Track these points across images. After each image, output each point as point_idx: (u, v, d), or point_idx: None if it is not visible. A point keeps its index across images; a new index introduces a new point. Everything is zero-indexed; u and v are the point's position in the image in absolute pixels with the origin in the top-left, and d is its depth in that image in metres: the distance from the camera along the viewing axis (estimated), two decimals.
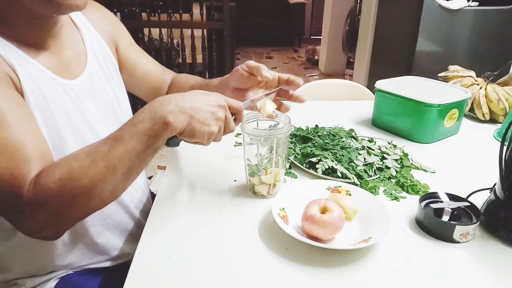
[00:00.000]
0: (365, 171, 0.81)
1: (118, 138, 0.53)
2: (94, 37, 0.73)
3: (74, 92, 0.65)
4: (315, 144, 0.90)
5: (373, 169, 0.82)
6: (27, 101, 0.57)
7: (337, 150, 0.86)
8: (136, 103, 2.39)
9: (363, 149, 0.88)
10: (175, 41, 2.83)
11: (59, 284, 0.68)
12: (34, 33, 0.60)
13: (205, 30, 2.67)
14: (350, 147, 0.87)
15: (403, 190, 0.78)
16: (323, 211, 0.63)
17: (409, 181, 0.79)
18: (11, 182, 0.50)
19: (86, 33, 0.71)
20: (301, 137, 0.96)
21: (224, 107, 0.59)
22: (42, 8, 0.57)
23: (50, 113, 0.60)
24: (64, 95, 0.63)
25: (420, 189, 0.78)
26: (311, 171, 0.82)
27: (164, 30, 2.65)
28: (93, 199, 0.53)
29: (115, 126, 0.76)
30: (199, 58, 2.78)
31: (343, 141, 0.90)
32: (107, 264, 0.73)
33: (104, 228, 0.72)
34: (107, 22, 0.78)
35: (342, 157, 0.83)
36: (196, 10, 2.59)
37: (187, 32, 2.62)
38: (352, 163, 0.82)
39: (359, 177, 0.79)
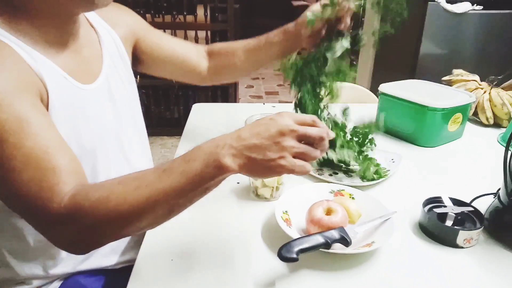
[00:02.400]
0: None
1: (167, 171, 0.48)
2: (109, 35, 0.73)
3: (94, 97, 0.66)
4: None
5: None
6: (53, 109, 0.57)
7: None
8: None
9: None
10: None
11: (64, 285, 0.68)
12: (58, 32, 0.60)
13: (209, 32, 2.68)
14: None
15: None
16: (328, 212, 0.63)
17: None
18: (40, 194, 0.47)
19: (101, 32, 0.72)
20: None
21: (289, 132, 0.48)
22: (76, 4, 0.57)
23: (75, 121, 0.60)
24: (84, 102, 0.63)
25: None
26: (316, 174, 0.82)
27: (168, 31, 2.65)
28: (128, 227, 0.50)
29: (131, 127, 0.75)
30: None
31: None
32: (111, 265, 0.73)
33: None
34: (123, 16, 0.79)
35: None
36: (200, 11, 2.59)
37: (191, 33, 2.63)
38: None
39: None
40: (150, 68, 0.86)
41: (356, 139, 0.92)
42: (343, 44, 0.73)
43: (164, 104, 2.78)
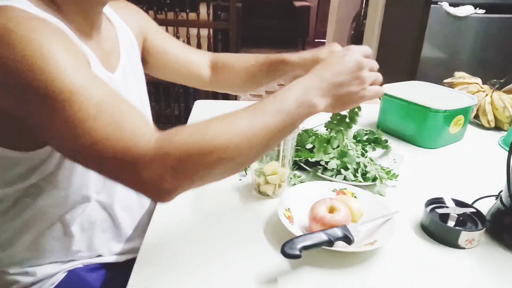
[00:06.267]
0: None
1: (260, 109, 0.51)
2: (125, 32, 0.75)
3: (115, 85, 0.67)
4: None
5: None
6: None
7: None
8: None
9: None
10: (181, 40, 2.84)
11: (67, 277, 0.68)
12: (84, 21, 0.62)
13: (211, 30, 2.68)
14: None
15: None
16: (330, 210, 0.63)
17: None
18: (122, 136, 0.46)
19: (119, 29, 0.74)
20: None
21: (365, 65, 0.57)
22: None
23: None
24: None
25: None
26: (318, 173, 0.82)
27: (170, 29, 2.65)
28: (221, 163, 0.48)
29: None
30: None
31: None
32: (113, 259, 0.73)
33: (111, 224, 0.72)
34: (135, 14, 0.81)
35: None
36: (203, 9, 2.59)
37: (193, 31, 2.62)
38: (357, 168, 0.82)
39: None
40: (153, 69, 0.87)
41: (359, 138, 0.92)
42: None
43: (165, 101, 2.78)
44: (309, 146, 0.88)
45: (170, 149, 0.46)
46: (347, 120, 0.67)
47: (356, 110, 0.66)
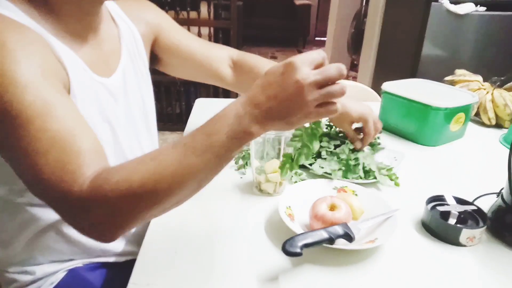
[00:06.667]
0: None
1: (189, 147, 0.47)
2: (130, 31, 0.73)
3: (109, 90, 0.66)
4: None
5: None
6: (73, 99, 0.57)
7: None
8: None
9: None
10: None
11: (67, 276, 0.68)
12: (79, 24, 0.60)
13: (212, 29, 2.68)
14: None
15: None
16: (331, 208, 0.63)
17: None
18: (63, 177, 0.46)
19: (123, 28, 0.71)
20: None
21: (308, 85, 0.45)
22: None
23: (90, 111, 0.60)
24: (101, 95, 0.64)
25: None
26: (319, 170, 0.82)
27: None
28: (154, 207, 0.47)
29: (142, 124, 0.75)
30: None
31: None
32: (115, 259, 0.73)
33: None
34: (146, 11, 0.79)
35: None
36: (203, 8, 2.59)
37: (194, 30, 2.62)
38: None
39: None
40: (167, 67, 0.85)
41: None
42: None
43: (166, 100, 2.78)
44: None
45: (102, 200, 0.45)
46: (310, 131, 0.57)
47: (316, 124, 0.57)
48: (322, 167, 0.81)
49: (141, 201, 0.46)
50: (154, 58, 0.83)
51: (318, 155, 0.85)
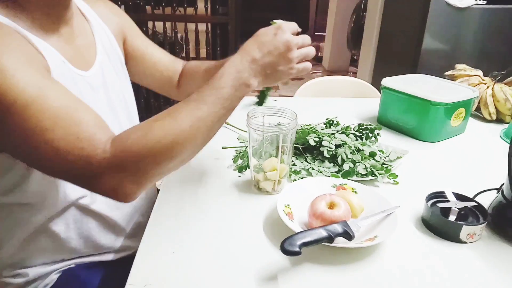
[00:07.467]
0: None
1: (200, 100, 0.54)
2: (102, 29, 0.73)
3: (89, 83, 0.66)
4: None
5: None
6: None
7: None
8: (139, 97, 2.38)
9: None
10: (179, 35, 2.82)
11: (62, 277, 0.68)
12: (50, 19, 0.60)
13: (209, 24, 2.66)
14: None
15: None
16: (330, 206, 0.62)
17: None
18: (80, 145, 0.48)
19: (94, 24, 0.72)
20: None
21: (294, 45, 0.60)
22: None
23: None
24: (81, 87, 0.64)
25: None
26: (318, 168, 0.82)
27: (168, 24, 2.63)
28: (172, 160, 0.52)
29: (124, 117, 0.74)
30: (203, 53, 2.76)
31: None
32: (110, 257, 0.73)
33: (107, 222, 0.71)
34: (114, 14, 0.79)
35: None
36: (200, 4, 2.58)
37: (191, 26, 2.61)
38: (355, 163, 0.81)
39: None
40: (130, 72, 0.83)
41: (360, 134, 0.92)
42: None
43: (164, 97, 2.77)
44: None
45: (123, 156, 0.49)
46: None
47: (265, 90, 0.72)
48: (321, 172, 0.80)
49: (160, 155, 0.51)
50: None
51: (320, 154, 0.84)
